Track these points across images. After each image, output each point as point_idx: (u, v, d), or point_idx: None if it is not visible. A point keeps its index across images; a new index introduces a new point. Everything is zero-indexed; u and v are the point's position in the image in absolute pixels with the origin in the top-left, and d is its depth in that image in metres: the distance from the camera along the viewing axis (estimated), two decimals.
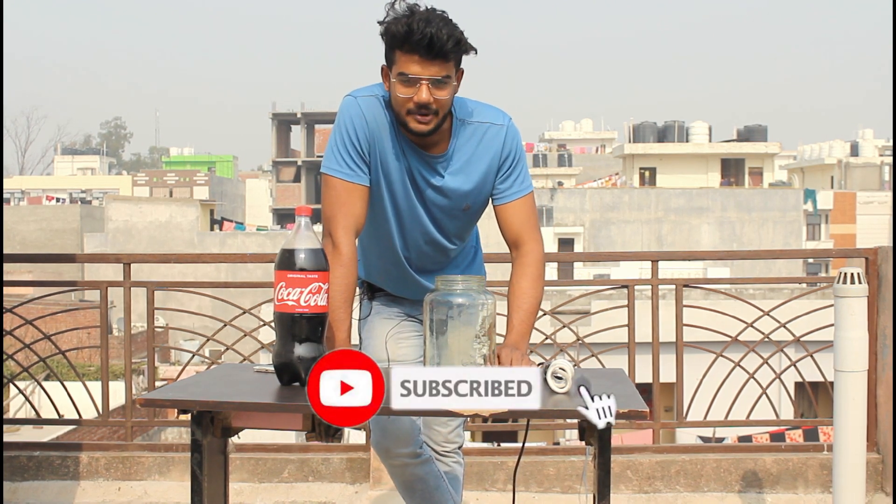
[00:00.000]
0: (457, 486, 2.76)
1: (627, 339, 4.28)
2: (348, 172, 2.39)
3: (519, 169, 2.48)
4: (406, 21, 2.24)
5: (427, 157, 2.42)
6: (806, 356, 4.36)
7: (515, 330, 2.37)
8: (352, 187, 2.40)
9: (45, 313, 4.66)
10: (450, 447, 2.75)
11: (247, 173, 67.88)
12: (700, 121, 39.49)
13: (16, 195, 48.28)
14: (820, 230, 38.26)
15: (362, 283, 2.72)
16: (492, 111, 2.47)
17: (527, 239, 2.48)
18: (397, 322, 2.67)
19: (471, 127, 2.43)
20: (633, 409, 1.93)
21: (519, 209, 2.48)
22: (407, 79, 2.27)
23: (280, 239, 30.33)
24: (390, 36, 2.27)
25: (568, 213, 32.06)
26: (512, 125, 2.48)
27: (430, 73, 2.26)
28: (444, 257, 2.59)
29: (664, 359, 4.25)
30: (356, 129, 2.39)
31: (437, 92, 2.28)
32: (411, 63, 2.25)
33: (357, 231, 2.41)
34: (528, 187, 2.50)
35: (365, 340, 2.70)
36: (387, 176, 2.43)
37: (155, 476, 4.27)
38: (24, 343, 4.45)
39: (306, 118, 47.62)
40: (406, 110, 2.30)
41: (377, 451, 2.61)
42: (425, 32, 2.21)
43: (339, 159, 2.40)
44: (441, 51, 2.23)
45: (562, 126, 60.80)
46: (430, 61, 2.25)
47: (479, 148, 2.44)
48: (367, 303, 2.73)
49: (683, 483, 4.15)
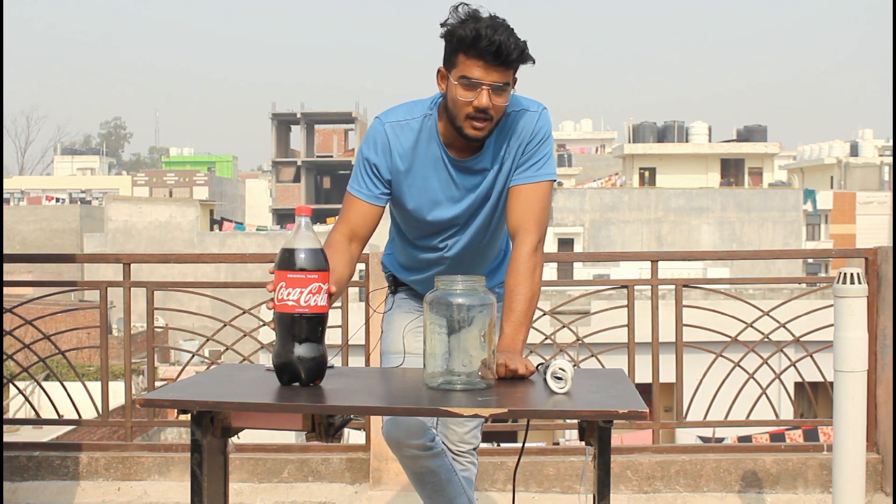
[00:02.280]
0: (469, 486, 2.77)
1: (627, 340, 4.28)
2: (361, 191, 2.50)
3: (541, 154, 2.47)
4: (474, 26, 2.27)
5: (464, 163, 2.47)
6: (806, 356, 4.36)
7: (506, 334, 2.34)
8: (361, 204, 2.50)
9: (44, 313, 4.66)
10: (465, 448, 2.77)
11: (246, 173, 67.88)
12: (700, 121, 39.46)
13: (16, 195, 48.30)
14: (820, 230, 38.26)
15: (389, 275, 2.79)
16: (525, 100, 2.50)
17: (524, 228, 2.44)
18: (417, 316, 2.70)
19: (503, 118, 2.44)
20: (632, 410, 1.92)
21: (527, 194, 2.46)
22: (469, 82, 2.31)
23: (280, 239, 30.33)
24: (457, 39, 2.31)
25: (568, 214, 32.05)
26: (545, 113, 2.50)
27: (492, 78, 2.30)
28: (477, 259, 2.64)
29: (664, 359, 4.25)
30: (377, 152, 2.47)
31: (496, 98, 2.32)
32: (475, 67, 2.29)
33: (352, 236, 2.48)
34: (545, 175, 2.47)
35: (385, 333, 2.76)
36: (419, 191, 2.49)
37: (155, 476, 4.27)
38: (24, 343, 4.44)
39: (306, 118, 47.63)
40: (465, 114, 2.34)
41: (388, 442, 2.62)
42: (493, 39, 2.25)
43: (357, 179, 2.51)
44: (506, 59, 2.28)
45: (561, 126, 60.85)
46: (494, 68, 2.29)
47: (511, 135, 2.46)
48: (390, 297, 2.80)
49: (683, 483, 4.15)
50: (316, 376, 2.11)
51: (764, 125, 40.02)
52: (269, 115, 48.10)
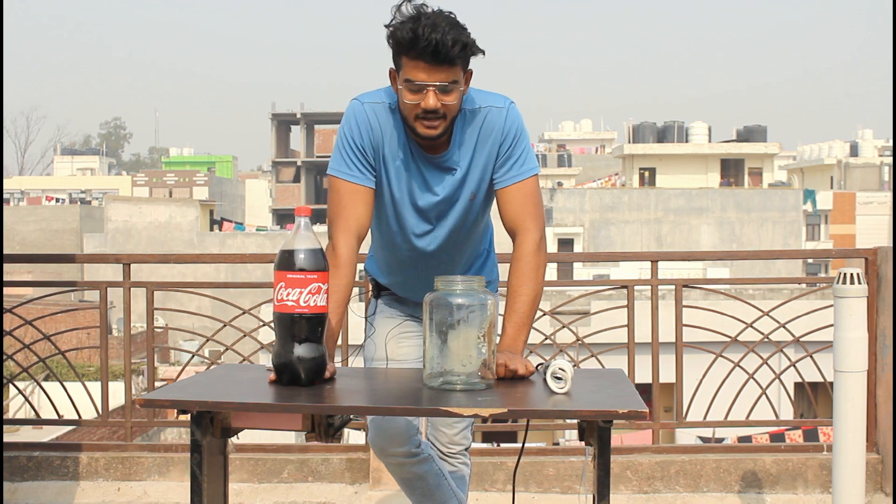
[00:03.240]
0: (462, 486, 2.75)
1: (627, 340, 4.29)
2: (352, 174, 2.37)
3: (519, 151, 2.40)
4: (412, 27, 2.19)
5: (434, 159, 2.39)
6: (805, 356, 4.36)
7: (508, 335, 2.31)
8: (355, 189, 2.37)
9: (44, 313, 4.66)
10: (455, 449, 2.74)
11: (246, 173, 67.85)
12: (700, 121, 39.46)
13: (15, 195, 48.26)
14: (819, 230, 38.25)
15: (371, 279, 2.70)
16: (492, 96, 2.41)
17: (523, 227, 2.40)
18: (399, 322, 2.65)
19: (470, 114, 2.37)
20: (632, 410, 1.93)
21: (516, 194, 2.40)
22: (414, 85, 2.23)
23: (279, 239, 30.32)
24: (396, 42, 2.23)
25: (567, 214, 32.05)
26: (513, 108, 2.40)
27: (436, 78, 2.22)
28: (454, 259, 2.54)
29: (664, 359, 4.25)
30: (361, 132, 2.36)
31: (444, 97, 2.24)
32: (417, 70, 2.22)
33: (358, 233, 2.37)
34: (529, 170, 2.41)
35: (367, 339, 2.69)
36: (395, 181, 2.40)
37: (155, 476, 4.27)
38: (24, 343, 4.45)
39: (306, 118, 47.61)
40: (414, 116, 2.27)
41: (373, 449, 2.60)
42: (431, 39, 2.16)
43: (343, 161, 2.37)
44: (447, 57, 2.19)
45: (561, 126, 60.82)
46: (437, 67, 2.21)
47: (481, 133, 2.38)
48: (372, 301, 2.71)
49: (683, 483, 4.15)
50: (316, 376, 2.11)
51: (764, 125, 40.03)
52: (269, 115, 48.09)
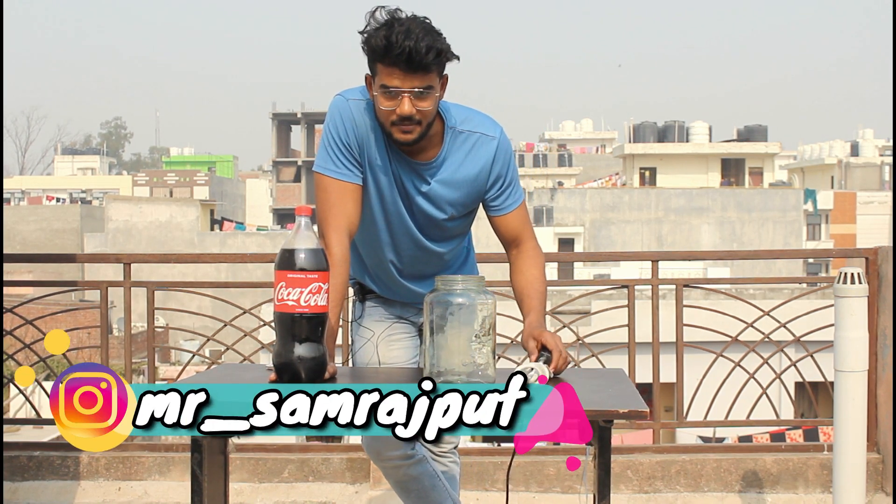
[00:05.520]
0: (454, 485, 2.76)
1: (627, 339, 4.29)
2: (340, 171, 2.37)
3: (513, 184, 2.49)
4: (385, 34, 2.20)
5: (414, 164, 2.40)
6: (806, 356, 4.36)
7: (536, 310, 2.39)
8: (344, 186, 2.37)
9: (45, 313, 4.66)
10: (446, 448, 2.75)
11: (247, 173, 67.85)
12: (700, 121, 39.48)
13: (16, 195, 48.27)
14: (820, 230, 38.27)
15: (355, 283, 2.69)
16: (485, 121, 2.44)
17: (526, 238, 2.52)
18: (389, 324, 2.64)
19: (462, 136, 2.40)
20: (633, 410, 1.93)
21: (515, 218, 2.51)
22: (388, 91, 2.24)
23: (280, 239, 30.34)
24: (370, 49, 2.24)
25: (568, 213, 32.07)
26: (504, 138, 2.45)
27: (411, 85, 2.23)
28: (434, 262, 2.56)
29: (664, 359, 4.25)
30: (346, 129, 2.37)
31: (419, 103, 2.25)
32: (392, 77, 2.23)
33: (350, 231, 2.38)
34: (521, 196, 2.53)
35: (356, 343, 2.67)
36: (375, 181, 2.41)
37: (155, 476, 4.27)
38: (25, 343, 4.45)
39: (306, 118, 47.64)
40: (390, 122, 2.29)
41: (368, 453, 2.61)
42: (404, 46, 2.18)
43: (331, 158, 2.38)
44: (422, 64, 2.20)
45: (562, 126, 60.80)
46: (412, 74, 2.22)
47: (469, 158, 2.42)
48: (358, 304, 2.70)
49: (683, 483, 4.15)
50: (316, 376, 2.11)
51: (764, 125, 40.05)
52: (269, 115, 48.14)
